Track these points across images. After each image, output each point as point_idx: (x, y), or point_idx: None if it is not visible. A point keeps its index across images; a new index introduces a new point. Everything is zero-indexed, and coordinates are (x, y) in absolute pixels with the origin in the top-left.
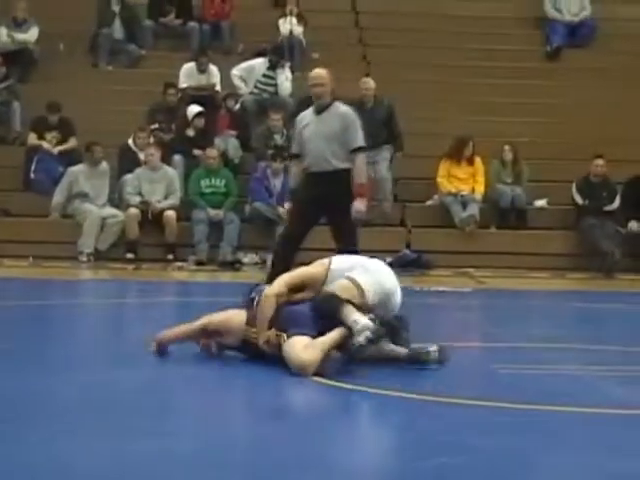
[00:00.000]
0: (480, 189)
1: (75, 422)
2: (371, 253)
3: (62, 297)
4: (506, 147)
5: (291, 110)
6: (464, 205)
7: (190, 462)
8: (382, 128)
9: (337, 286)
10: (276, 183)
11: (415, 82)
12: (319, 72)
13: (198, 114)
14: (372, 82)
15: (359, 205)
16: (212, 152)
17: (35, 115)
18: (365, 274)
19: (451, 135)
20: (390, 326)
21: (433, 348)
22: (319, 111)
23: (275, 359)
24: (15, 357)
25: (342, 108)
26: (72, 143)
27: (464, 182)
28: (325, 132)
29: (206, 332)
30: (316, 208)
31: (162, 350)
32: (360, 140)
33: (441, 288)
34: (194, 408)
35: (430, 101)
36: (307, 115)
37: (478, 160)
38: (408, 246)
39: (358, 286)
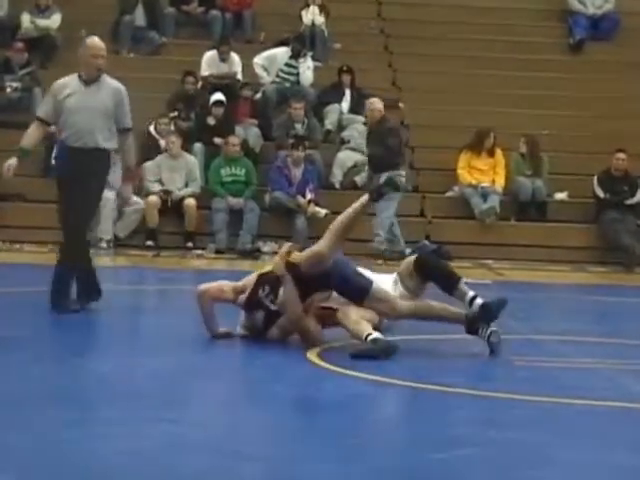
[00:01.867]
0: (500, 181)
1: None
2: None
3: None
4: (522, 139)
5: (313, 100)
6: (484, 197)
7: (204, 450)
8: (386, 152)
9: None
10: (296, 172)
11: (437, 73)
12: (101, 43)
13: (216, 103)
14: (378, 103)
15: (126, 190)
16: (234, 139)
17: None
18: None
19: (472, 127)
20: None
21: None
22: (88, 82)
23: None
24: (24, 345)
25: (114, 83)
26: None
27: (484, 174)
28: (94, 106)
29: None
30: (73, 184)
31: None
32: (130, 121)
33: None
34: (215, 396)
35: (452, 92)
36: (71, 84)
37: (499, 152)
38: (428, 237)
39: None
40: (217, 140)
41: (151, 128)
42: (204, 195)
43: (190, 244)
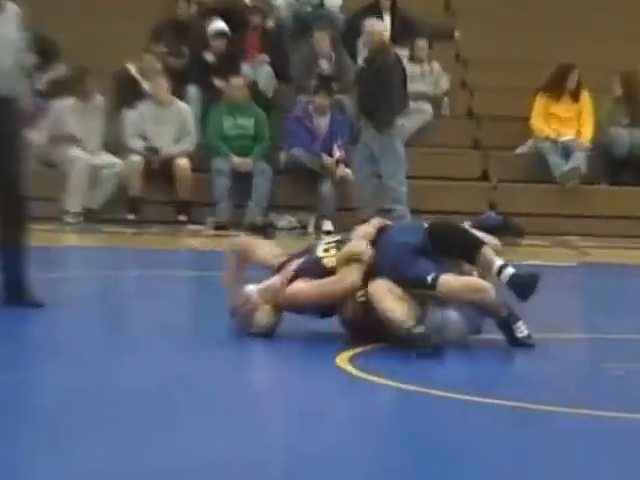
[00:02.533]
0: (587, 133)
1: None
2: (443, 216)
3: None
4: (615, 79)
5: (342, 28)
6: (566, 154)
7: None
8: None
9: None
10: (320, 123)
11: None
12: None
13: (217, 34)
14: (379, 25)
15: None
16: (238, 82)
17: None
18: None
19: (550, 63)
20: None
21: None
22: None
23: None
24: None
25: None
26: (57, 71)
27: (566, 124)
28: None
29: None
30: None
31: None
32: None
33: (534, 262)
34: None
35: (522, 19)
36: None
37: (585, 95)
38: (492, 206)
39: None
40: (218, 82)
41: (131, 67)
42: (201, 154)
43: (183, 217)
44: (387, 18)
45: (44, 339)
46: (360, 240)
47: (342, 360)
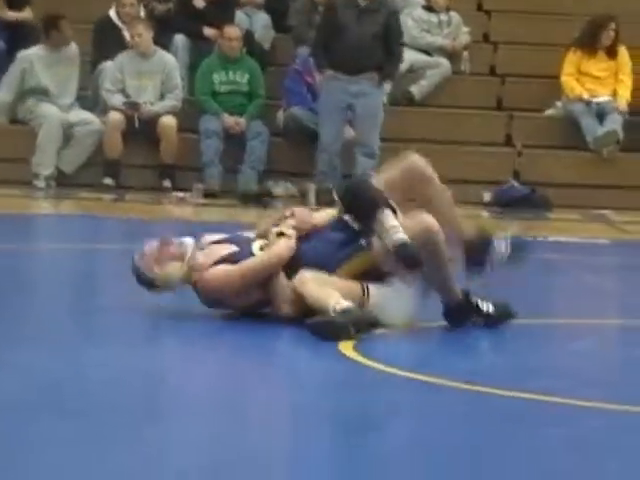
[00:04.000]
0: (625, 93)
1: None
2: (460, 185)
3: (6, 239)
4: None
5: None
6: (601, 117)
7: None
8: (375, 44)
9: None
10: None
11: None
12: None
13: None
14: None
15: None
16: (232, 31)
17: None
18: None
19: (583, 14)
20: None
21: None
22: None
23: None
24: None
25: None
26: (25, 14)
27: (601, 83)
28: None
29: None
30: None
31: None
32: None
33: (565, 238)
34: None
35: None
36: None
37: (623, 51)
38: (517, 175)
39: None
40: (208, 31)
41: (111, 12)
42: (188, 112)
43: (168, 183)
44: None
45: None
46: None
47: (345, 346)
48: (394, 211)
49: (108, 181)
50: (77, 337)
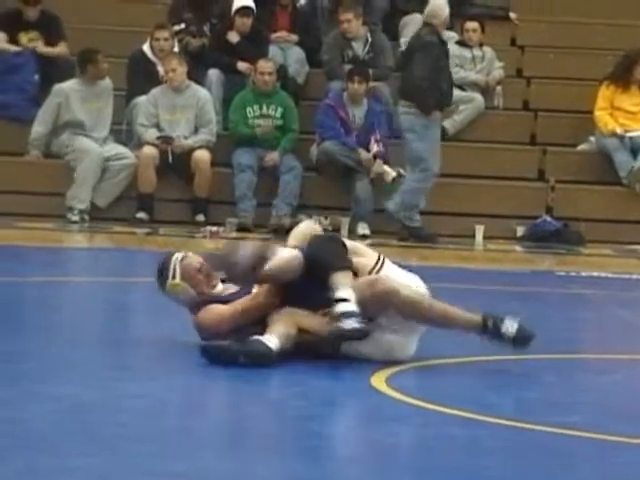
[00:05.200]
0: None
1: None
2: (494, 220)
3: (40, 271)
4: None
5: (382, 6)
6: (634, 152)
7: None
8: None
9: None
10: (356, 113)
11: None
12: None
13: (242, 10)
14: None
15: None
16: (266, 65)
17: (4, 8)
18: None
19: (617, 49)
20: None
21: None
22: None
23: None
24: None
25: None
26: (60, 49)
27: (635, 118)
28: None
29: None
30: None
31: None
32: None
33: (597, 273)
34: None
35: (588, 3)
36: None
37: None
38: (549, 210)
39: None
40: (242, 66)
41: (145, 47)
42: (222, 146)
43: (201, 217)
44: None
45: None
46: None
47: (377, 380)
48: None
49: (141, 215)
50: (109, 369)
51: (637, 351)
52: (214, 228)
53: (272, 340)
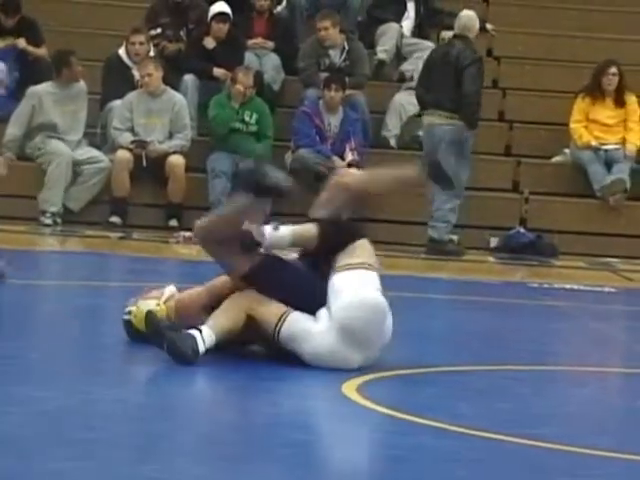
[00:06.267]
0: (634, 141)
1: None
2: (467, 230)
3: (12, 274)
4: None
5: (358, 14)
6: (609, 165)
7: None
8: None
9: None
10: (332, 122)
11: None
12: None
13: (218, 16)
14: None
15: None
16: (246, 79)
17: None
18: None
19: (592, 61)
20: None
21: None
22: None
23: None
24: None
25: None
26: (42, 51)
27: (610, 131)
28: None
29: None
30: None
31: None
32: None
33: (570, 285)
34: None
35: (562, 10)
36: None
37: (632, 98)
38: (523, 222)
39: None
40: (217, 72)
41: (121, 51)
42: (197, 151)
43: (174, 222)
44: (411, 5)
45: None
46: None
47: (348, 388)
48: None
49: (115, 219)
50: (82, 373)
51: (609, 364)
52: (187, 233)
53: (207, 339)
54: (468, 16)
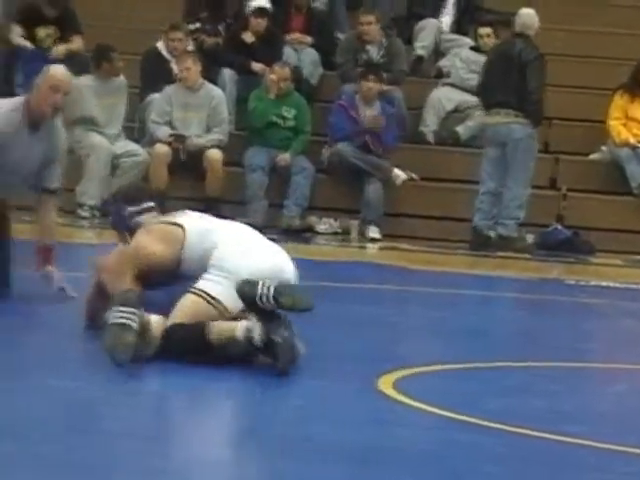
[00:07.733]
0: None
1: None
2: None
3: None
4: None
5: (396, 10)
6: None
7: None
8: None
9: (185, 309)
10: (367, 113)
11: None
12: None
13: (258, 11)
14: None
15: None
16: (284, 72)
17: (23, 2)
18: (221, 274)
19: (632, 58)
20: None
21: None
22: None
23: None
24: None
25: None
26: (76, 44)
27: None
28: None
29: None
30: None
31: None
32: None
33: (606, 283)
34: None
35: (604, 6)
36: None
37: None
38: (560, 219)
39: (216, 303)
40: (256, 66)
41: (159, 45)
42: (234, 145)
43: None
44: (451, 2)
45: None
46: None
47: (385, 383)
48: None
49: None
50: (104, 364)
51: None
52: None
53: (151, 334)
54: (528, 14)
